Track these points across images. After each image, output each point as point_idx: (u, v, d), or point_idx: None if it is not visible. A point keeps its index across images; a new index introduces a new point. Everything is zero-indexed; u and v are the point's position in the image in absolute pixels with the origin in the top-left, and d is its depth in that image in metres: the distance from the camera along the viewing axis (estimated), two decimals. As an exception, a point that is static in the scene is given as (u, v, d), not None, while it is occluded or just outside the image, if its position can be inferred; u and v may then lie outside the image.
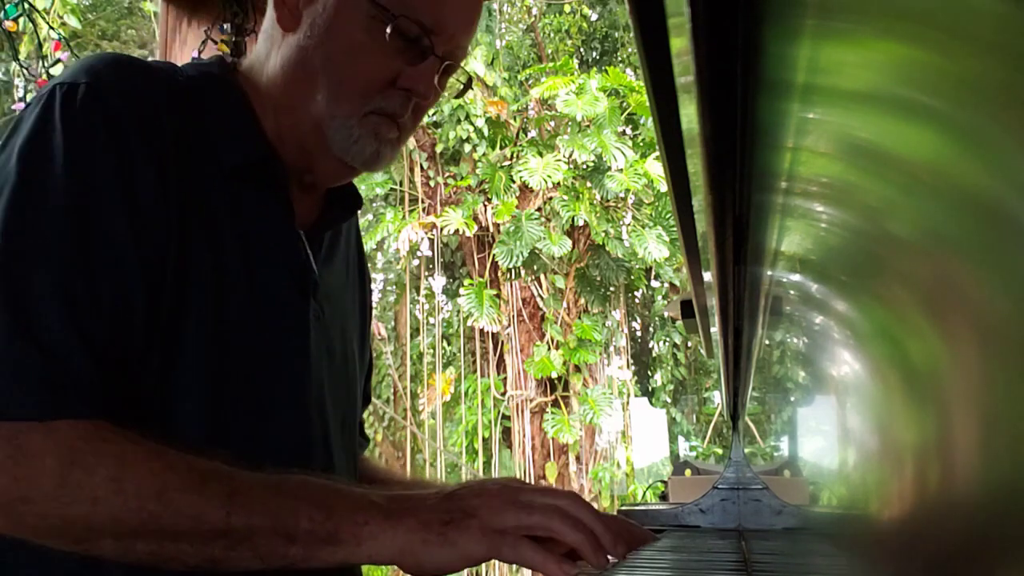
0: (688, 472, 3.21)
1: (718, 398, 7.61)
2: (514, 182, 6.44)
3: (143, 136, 0.73)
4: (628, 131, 6.83)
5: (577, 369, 6.77)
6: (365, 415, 1.08)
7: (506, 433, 7.02)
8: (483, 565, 7.27)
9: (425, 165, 6.92)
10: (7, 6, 2.12)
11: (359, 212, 1.00)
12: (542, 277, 6.85)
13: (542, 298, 6.83)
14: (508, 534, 0.67)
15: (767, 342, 0.95)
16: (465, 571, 7.27)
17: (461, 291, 6.74)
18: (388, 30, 0.78)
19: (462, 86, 0.89)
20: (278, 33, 0.83)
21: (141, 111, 0.74)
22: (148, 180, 0.72)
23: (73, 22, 3.13)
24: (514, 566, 7.16)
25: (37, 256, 0.67)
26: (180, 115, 0.76)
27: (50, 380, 0.65)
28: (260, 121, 0.83)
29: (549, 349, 6.63)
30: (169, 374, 0.73)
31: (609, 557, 0.71)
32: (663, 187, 5.86)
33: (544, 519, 0.68)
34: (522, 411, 6.85)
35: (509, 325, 6.82)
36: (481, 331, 6.94)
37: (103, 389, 0.68)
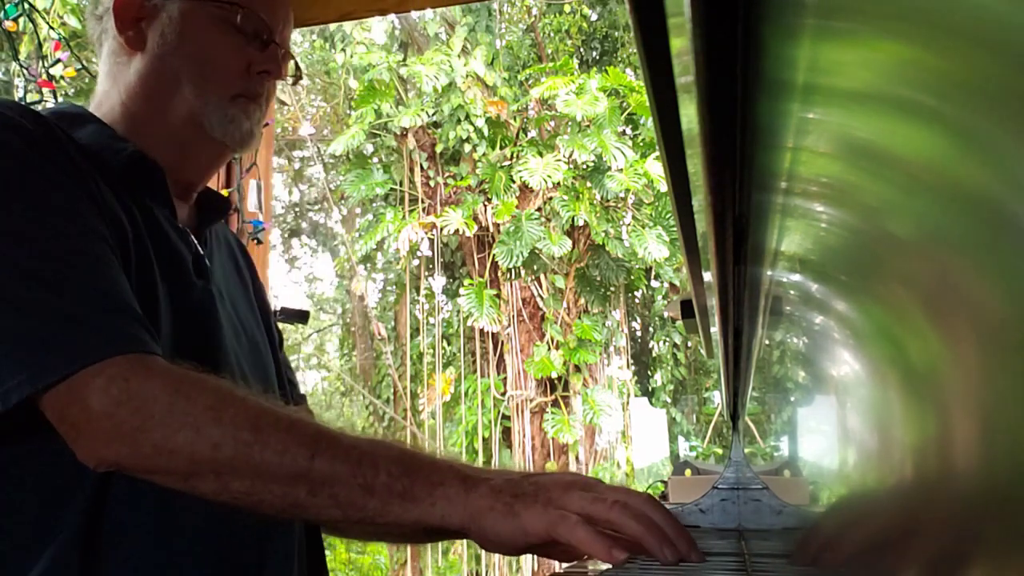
0: (688, 472, 3.20)
1: (718, 398, 7.61)
2: (514, 182, 6.44)
3: (57, 147, 0.80)
4: (628, 131, 6.83)
5: (577, 369, 6.77)
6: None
7: (506, 433, 7.02)
8: (483, 565, 7.27)
9: (425, 165, 6.92)
10: (7, 6, 2.12)
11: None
12: (542, 277, 6.85)
13: (542, 298, 6.83)
14: (569, 515, 0.68)
15: (767, 342, 0.95)
16: (466, 571, 7.27)
17: (461, 291, 6.74)
18: (238, 20, 0.91)
19: (293, 78, 1.02)
20: (123, 60, 0.93)
21: (45, 130, 0.81)
22: (83, 179, 0.80)
23: (73, 22, 3.13)
24: (513, 567, 7.16)
25: (67, 256, 0.74)
26: (66, 134, 0.84)
27: (135, 324, 0.74)
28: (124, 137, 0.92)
29: (549, 349, 6.64)
30: None
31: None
32: (663, 187, 5.86)
33: (606, 509, 0.69)
34: (522, 411, 6.86)
35: (509, 325, 6.82)
36: (481, 331, 6.94)
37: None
